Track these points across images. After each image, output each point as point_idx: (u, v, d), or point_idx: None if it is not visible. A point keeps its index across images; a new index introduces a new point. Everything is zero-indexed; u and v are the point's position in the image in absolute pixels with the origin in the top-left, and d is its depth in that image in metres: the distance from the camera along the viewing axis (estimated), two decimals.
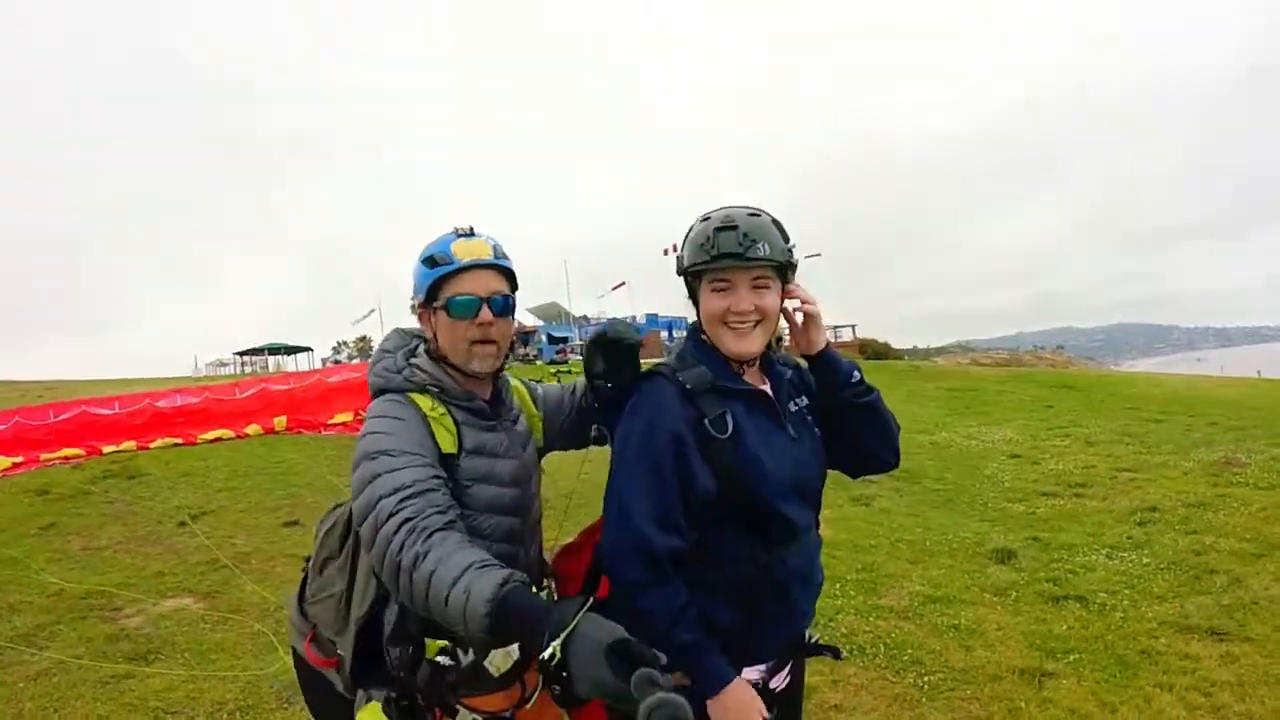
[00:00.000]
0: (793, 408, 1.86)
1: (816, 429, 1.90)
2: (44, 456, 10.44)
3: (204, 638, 4.81)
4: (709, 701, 1.62)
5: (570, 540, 2.04)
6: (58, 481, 9.33)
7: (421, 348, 1.92)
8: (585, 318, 49.33)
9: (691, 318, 1.91)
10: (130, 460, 10.45)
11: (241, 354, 47.44)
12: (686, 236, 1.80)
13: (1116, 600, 4.84)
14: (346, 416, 12.90)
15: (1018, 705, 3.59)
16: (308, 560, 1.99)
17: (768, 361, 1.89)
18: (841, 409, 1.86)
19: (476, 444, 1.81)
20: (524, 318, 51.86)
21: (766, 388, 1.84)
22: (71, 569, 6.25)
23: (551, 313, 49.94)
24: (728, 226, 1.69)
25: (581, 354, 2.23)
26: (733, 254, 1.67)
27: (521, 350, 41.95)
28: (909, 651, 4.18)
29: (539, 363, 32.29)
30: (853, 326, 41.84)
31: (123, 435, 11.52)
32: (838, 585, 5.16)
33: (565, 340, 38.83)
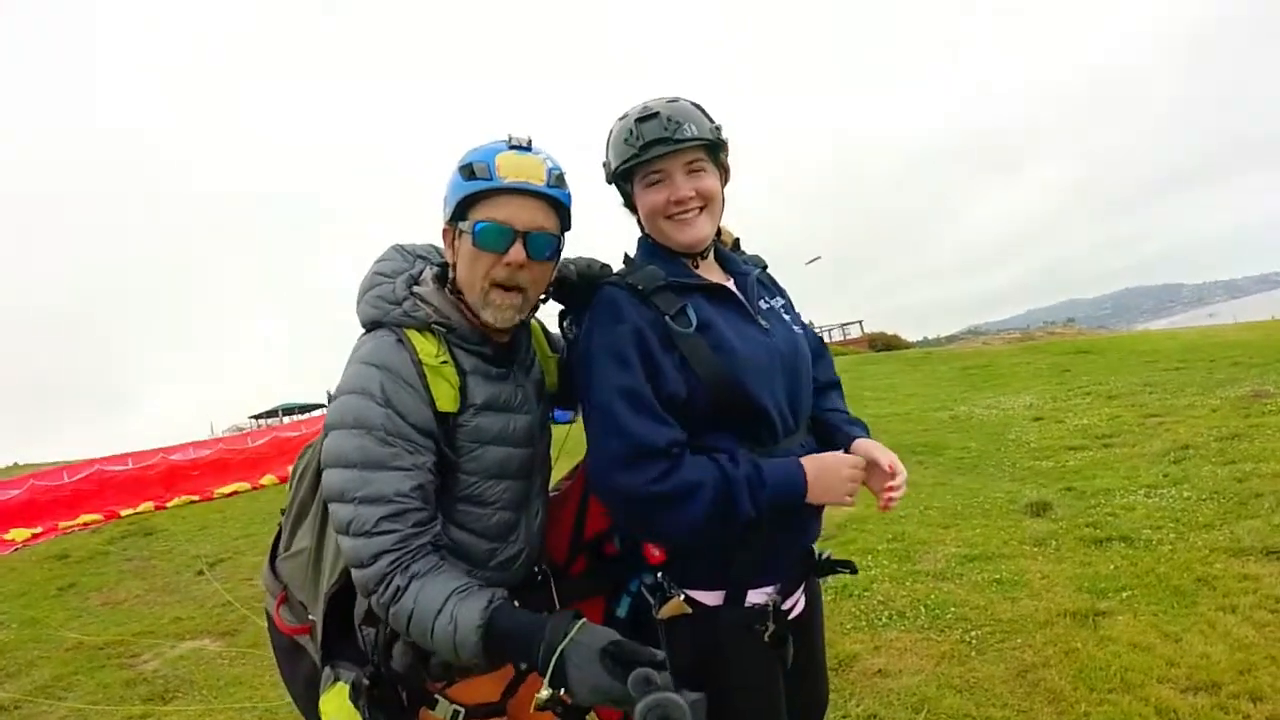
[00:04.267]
0: (764, 305, 1.74)
1: (797, 327, 1.77)
2: (63, 525, 10.56)
3: (221, 673, 4.71)
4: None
5: (554, 492, 1.85)
6: (76, 546, 9.37)
7: (428, 273, 1.59)
8: None
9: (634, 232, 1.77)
10: (147, 519, 10.53)
11: (256, 417, 47.24)
12: (608, 142, 1.67)
13: (1162, 535, 4.61)
14: None
15: (1074, 646, 3.37)
16: (284, 512, 1.75)
17: (729, 260, 1.79)
18: None
19: (488, 398, 1.53)
20: None
21: (732, 284, 1.71)
22: (91, 623, 6.22)
23: None
24: (648, 116, 1.57)
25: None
26: (660, 139, 1.55)
27: None
28: (951, 609, 3.96)
29: None
30: (859, 322, 41.60)
31: (139, 495, 11.56)
32: (870, 556, 4.94)
33: None
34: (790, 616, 1.66)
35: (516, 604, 1.36)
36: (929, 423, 10.62)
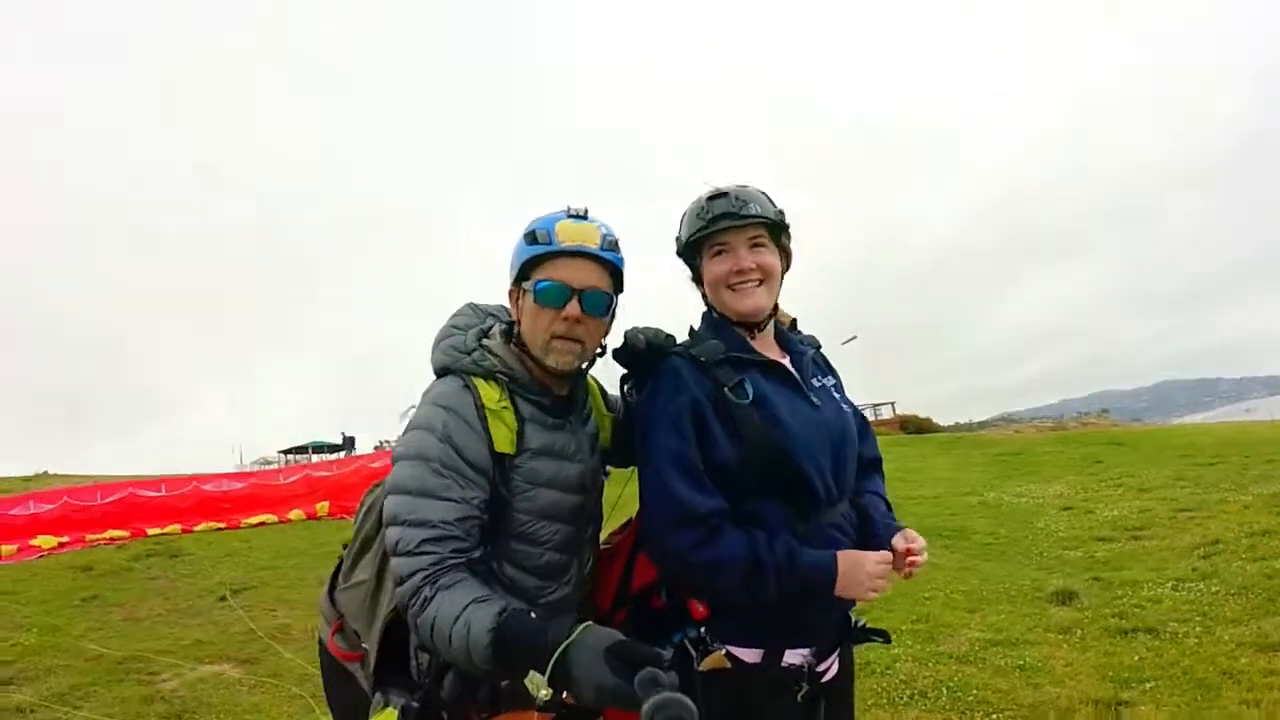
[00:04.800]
0: (816, 383, 1.83)
1: (846, 406, 1.88)
2: (90, 537, 10.54)
3: (240, 700, 4.74)
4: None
5: (605, 545, 1.96)
6: (101, 559, 9.42)
7: (497, 328, 1.75)
8: None
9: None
10: (173, 541, 10.63)
11: (285, 452, 46.77)
12: (681, 220, 1.84)
13: (1188, 628, 4.62)
14: None
15: None
16: (345, 547, 1.87)
17: (786, 339, 1.89)
18: None
19: (544, 444, 1.65)
20: None
21: (786, 362, 1.82)
22: (111, 637, 6.21)
23: None
24: (718, 194, 1.75)
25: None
26: (727, 214, 1.72)
27: None
28: (974, 692, 4.00)
29: None
30: (891, 404, 40.84)
31: (167, 518, 11.59)
32: (894, 636, 4.96)
33: None
34: (824, 680, 1.73)
35: (533, 615, 1.40)
36: (957, 507, 10.58)
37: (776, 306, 1.86)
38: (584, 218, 1.67)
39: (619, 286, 1.73)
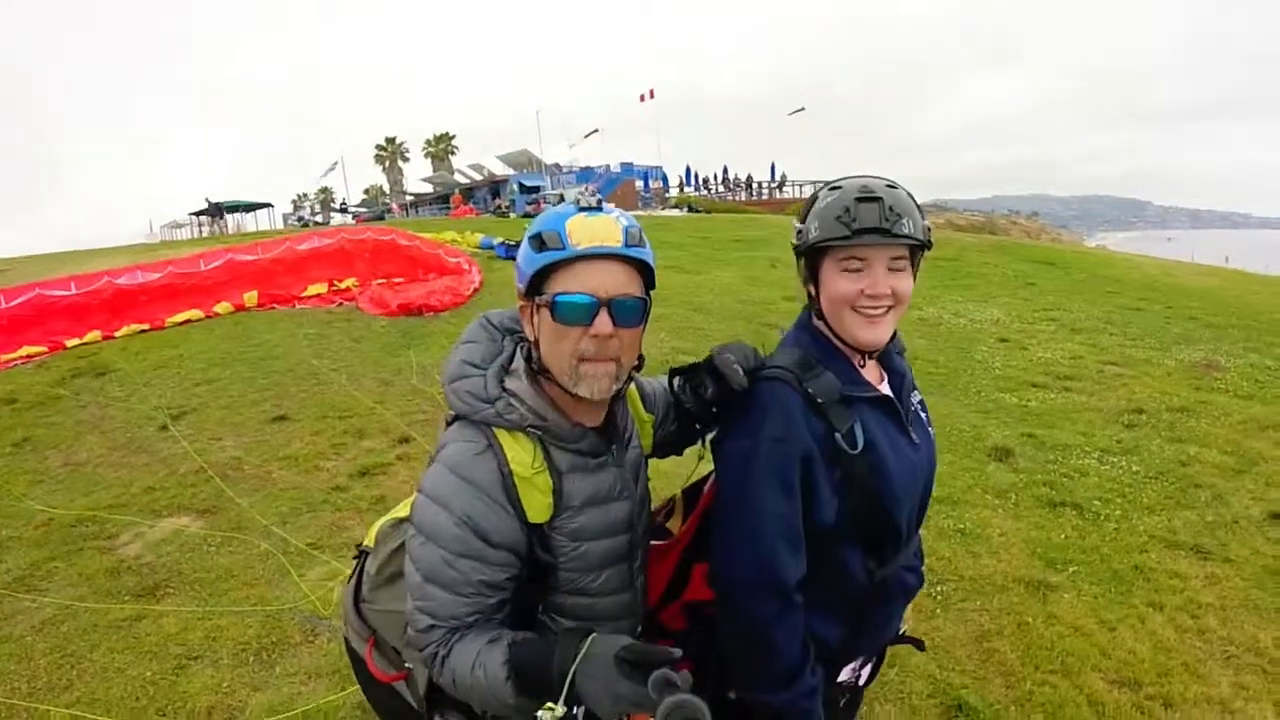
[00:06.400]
0: (911, 409, 1.72)
1: (930, 427, 1.80)
2: (4, 357, 9.47)
3: (210, 563, 4.55)
4: None
5: (656, 543, 1.84)
6: (23, 387, 8.53)
7: (520, 362, 1.50)
8: (557, 165, 46.06)
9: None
10: (97, 355, 9.69)
11: (197, 214, 43.78)
12: (809, 208, 1.58)
13: (1109, 510, 5.07)
14: (320, 288, 12.29)
15: (1025, 619, 3.82)
16: (361, 551, 1.76)
17: (885, 352, 1.72)
18: None
19: (588, 496, 1.49)
20: (494, 166, 49.85)
21: (886, 384, 1.69)
22: (55, 491, 5.79)
23: (522, 160, 46.36)
24: (869, 197, 1.48)
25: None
26: (877, 229, 1.46)
27: (495, 202, 40.15)
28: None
29: (513, 215, 31.36)
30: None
31: (85, 323, 10.52)
32: None
33: (537, 189, 36.75)
34: (861, 684, 1.81)
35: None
36: (901, 323, 10.93)
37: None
38: (598, 209, 1.41)
39: (650, 283, 1.48)
